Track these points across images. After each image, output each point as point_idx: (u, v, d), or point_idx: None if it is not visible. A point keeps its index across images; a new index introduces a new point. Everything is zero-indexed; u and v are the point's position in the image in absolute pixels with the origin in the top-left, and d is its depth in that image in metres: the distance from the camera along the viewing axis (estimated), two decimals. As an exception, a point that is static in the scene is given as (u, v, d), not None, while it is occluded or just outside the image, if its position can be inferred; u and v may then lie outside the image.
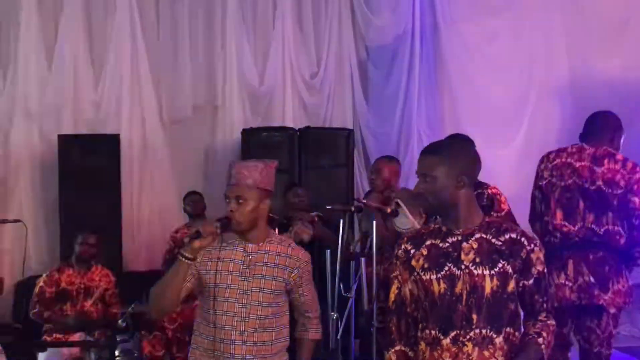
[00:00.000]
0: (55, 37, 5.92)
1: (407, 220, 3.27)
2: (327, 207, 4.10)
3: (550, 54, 6.46)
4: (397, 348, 2.17)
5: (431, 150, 2.18)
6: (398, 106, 6.34)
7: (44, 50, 5.89)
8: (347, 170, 5.93)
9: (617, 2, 6.33)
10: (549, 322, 2.13)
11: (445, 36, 6.39)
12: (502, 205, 3.40)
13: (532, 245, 2.10)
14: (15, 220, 3.85)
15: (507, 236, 2.09)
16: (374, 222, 3.28)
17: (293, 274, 2.50)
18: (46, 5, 5.93)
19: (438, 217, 2.27)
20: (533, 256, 2.09)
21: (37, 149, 5.88)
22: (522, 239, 2.10)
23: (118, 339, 4.00)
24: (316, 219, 4.97)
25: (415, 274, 2.13)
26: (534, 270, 2.09)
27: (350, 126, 6.34)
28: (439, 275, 2.08)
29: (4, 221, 3.73)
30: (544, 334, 2.10)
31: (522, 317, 2.15)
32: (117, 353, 3.98)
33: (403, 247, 2.19)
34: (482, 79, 6.39)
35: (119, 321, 4.07)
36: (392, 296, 2.21)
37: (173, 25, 6.14)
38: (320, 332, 2.68)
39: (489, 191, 3.39)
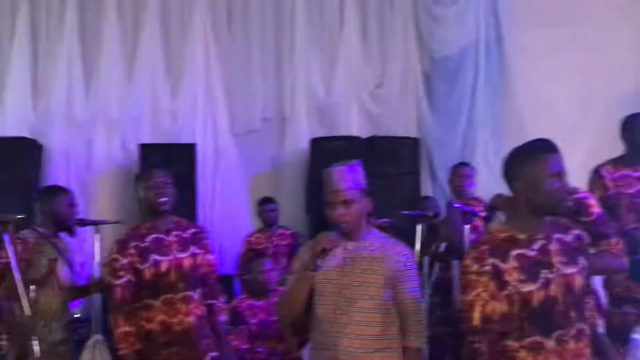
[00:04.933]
0: (135, 51, 6.26)
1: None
2: (403, 212, 4.22)
3: (615, 66, 6.42)
4: None
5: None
6: (462, 116, 6.42)
7: (125, 63, 6.24)
8: (413, 179, 6.08)
9: (684, 11, 6.31)
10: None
11: (509, 47, 6.44)
12: (591, 209, 2.93)
13: (584, 232, 2.25)
14: (116, 222, 4.11)
15: (573, 232, 2.21)
16: (467, 227, 3.38)
17: (391, 267, 2.55)
18: (127, 22, 6.28)
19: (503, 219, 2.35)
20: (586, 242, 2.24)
21: (117, 157, 6.21)
22: (580, 232, 2.23)
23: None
24: (385, 225, 5.12)
25: (510, 287, 2.09)
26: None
27: (414, 135, 6.45)
28: (539, 284, 2.10)
29: (105, 222, 3.98)
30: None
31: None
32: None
33: (490, 261, 2.10)
34: (546, 90, 6.39)
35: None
36: (476, 315, 2.12)
37: (245, 42, 6.40)
38: (422, 341, 2.57)
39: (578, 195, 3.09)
